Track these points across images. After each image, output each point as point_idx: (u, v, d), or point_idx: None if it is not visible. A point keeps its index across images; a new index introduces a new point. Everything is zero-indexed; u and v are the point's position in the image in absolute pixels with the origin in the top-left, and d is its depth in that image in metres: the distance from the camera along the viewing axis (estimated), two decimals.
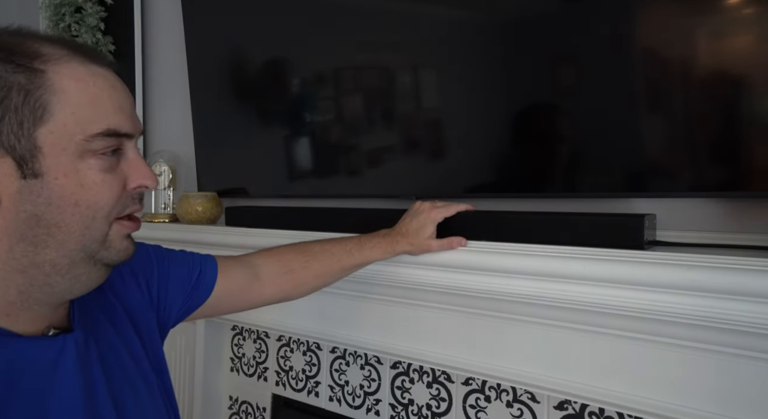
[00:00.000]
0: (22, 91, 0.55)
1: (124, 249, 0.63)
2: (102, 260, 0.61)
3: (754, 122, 0.83)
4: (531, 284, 0.90)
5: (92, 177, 0.58)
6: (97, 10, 1.93)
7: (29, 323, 0.61)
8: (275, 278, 0.93)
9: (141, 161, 0.62)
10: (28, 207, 0.56)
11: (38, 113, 0.55)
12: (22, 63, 0.55)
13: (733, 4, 0.84)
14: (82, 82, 0.57)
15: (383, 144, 1.25)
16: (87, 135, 0.57)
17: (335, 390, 1.35)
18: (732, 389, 0.79)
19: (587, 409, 0.98)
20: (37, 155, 0.55)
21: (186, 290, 0.84)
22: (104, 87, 0.59)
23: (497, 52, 1.08)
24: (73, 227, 0.58)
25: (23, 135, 0.55)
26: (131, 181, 0.62)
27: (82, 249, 0.59)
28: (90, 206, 0.58)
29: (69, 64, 0.57)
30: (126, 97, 0.61)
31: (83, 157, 0.57)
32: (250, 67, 1.51)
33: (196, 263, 0.87)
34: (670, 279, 0.78)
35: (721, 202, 0.93)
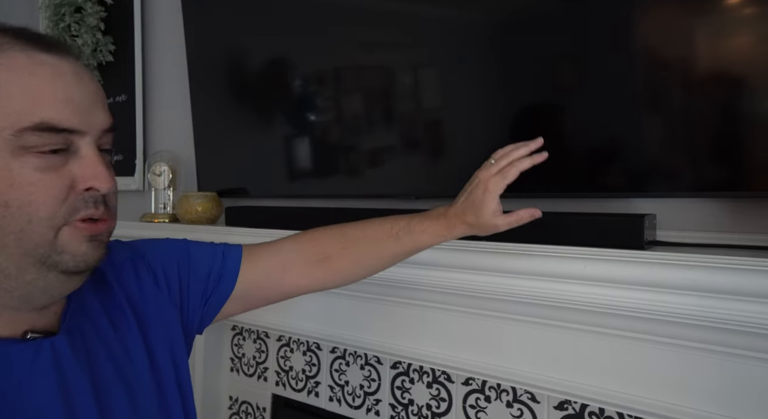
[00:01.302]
0: None
1: (82, 254, 0.56)
2: (57, 266, 0.56)
3: (754, 121, 0.83)
4: (531, 284, 0.90)
5: (26, 176, 0.53)
6: (96, 10, 1.93)
7: (7, 327, 0.58)
8: (308, 267, 0.82)
9: (95, 160, 0.56)
10: None
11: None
12: None
13: (733, 4, 0.84)
14: (16, 72, 0.52)
15: (383, 144, 1.25)
16: (15, 130, 0.52)
17: (335, 390, 1.35)
18: (732, 389, 0.79)
19: (587, 409, 0.98)
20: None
21: (207, 282, 0.78)
22: (45, 77, 0.53)
23: (497, 51, 1.08)
24: (6, 230, 0.53)
25: None
26: (80, 182, 0.56)
27: (27, 254, 0.54)
28: (21, 208, 0.53)
29: (7, 53, 0.53)
30: (78, 89, 0.55)
31: (17, 154, 0.52)
32: (250, 67, 1.51)
33: (219, 253, 0.80)
34: (669, 279, 0.78)
35: (721, 202, 0.93)
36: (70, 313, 0.63)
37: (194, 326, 0.79)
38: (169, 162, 1.68)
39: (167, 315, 0.73)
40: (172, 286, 0.76)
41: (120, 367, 0.65)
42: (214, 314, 0.80)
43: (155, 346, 0.70)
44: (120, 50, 1.93)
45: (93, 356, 0.63)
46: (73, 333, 0.62)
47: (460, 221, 0.80)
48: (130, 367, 0.66)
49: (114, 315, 0.68)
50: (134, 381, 0.66)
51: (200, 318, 0.79)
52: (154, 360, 0.69)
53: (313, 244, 0.83)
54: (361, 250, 0.83)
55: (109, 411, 0.62)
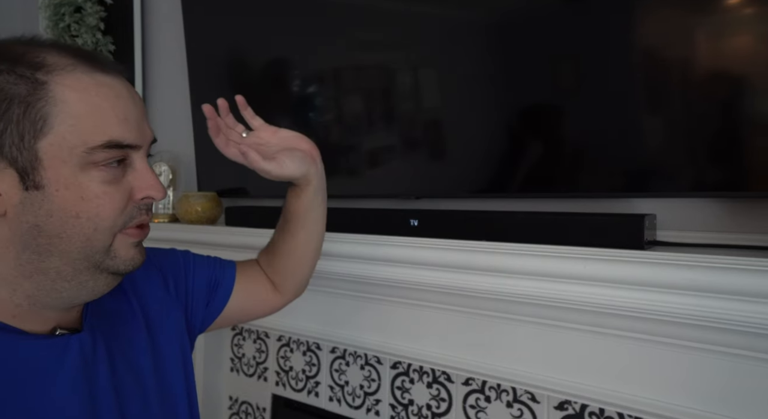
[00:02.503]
0: (23, 104, 0.54)
1: (131, 259, 0.62)
2: (108, 269, 0.61)
3: (754, 121, 0.83)
4: (531, 284, 0.90)
5: (94, 189, 0.57)
6: (96, 10, 1.93)
7: (38, 323, 0.62)
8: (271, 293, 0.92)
9: (148, 172, 0.62)
10: (30, 218, 0.56)
11: (38, 125, 0.55)
12: (24, 74, 0.55)
13: (733, 4, 0.84)
14: (84, 92, 0.56)
15: (383, 144, 1.25)
16: (87, 147, 0.56)
17: (335, 390, 1.35)
18: (732, 389, 0.79)
19: (587, 409, 0.98)
20: (38, 167, 0.55)
21: (209, 287, 0.85)
22: (108, 97, 0.58)
23: (497, 51, 1.08)
24: (74, 238, 0.58)
25: (24, 147, 0.55)
26: (137, 192, 0.61)
27: (86, 259, 0.59)
28: (91, 218, 0.58)
29: (72, 74, 0.57)
30: (132, 107, 0.60)
31: (85, 169, 0.57)
32: (250, 67, 1.51)
33: (218, 267, 0.87)
34: (669, 279, 0.78)
35: (721, 202, 0.93)
36: (90, 312, 0.67)
37: (196, 329, 0.84)
38: (169, 162, 1.68)
39: (174, 317, 0.79)
40: (179, 289, 0.81)
41: (132, 365, 0.70)
42: (213, 318, 0.87)
43: (163, 347, 0.75)
44: (120, 50, 1.93)
45: (110, 353, 0.67)
46: (94, 331, 0.66)
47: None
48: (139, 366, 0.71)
49: (126, 315, 0.73)
50: (144, 380, 0.70)
51: (201, 322, 0.85)
52: (159, 360, 0.74)
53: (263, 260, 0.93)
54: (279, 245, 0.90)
55: (126, 406, 0.66)
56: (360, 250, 1.09)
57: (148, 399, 0.70)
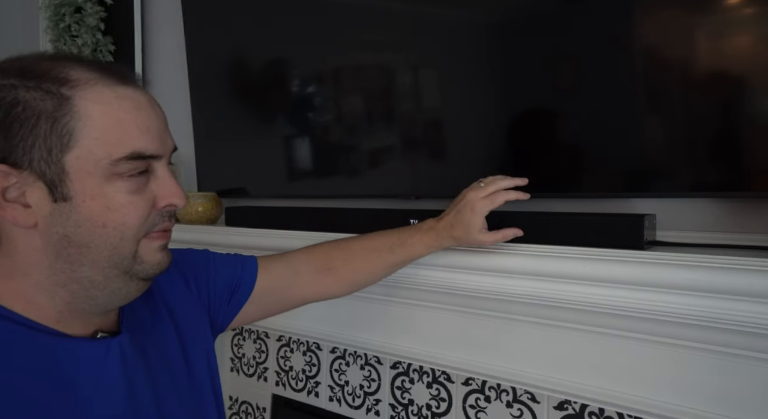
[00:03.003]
0: (50, 119, 0.57)
1: (158, 262, 0.65)
2: (137, 274, 0.63)
3: (753, 121, 0.83)
4: (530, 284, 0.90)
5: (119, 199, 0.59)
6: (96, 10, 1.93)
7: (80, 327, 0.64)
8: (316, 276, 0.93)
9: (170, 180, 0.64)
10: (59, 229, 0.59)
11: (65, 139, 0.57)
12: (50, 90, 0.57)
13: (733, 4, 0.84)
14: (107, 106, 0.58)
15: (383, 144, 1.25)
16: (112, 159, 0.58)
17: (335, 390, 1.35)
18: (732, 389, 0.79)
19: (587, 409, 0.98)
20: (65, 180, 0.58)
21: (230, 290, 0.86)
22: (130, 109, 0.60)
23: (497, 52, 1.08)
24: (102, 248, 0.60)
25: (52, 161, 0.57)
26: (160, 200, 0.63)
27: (115, 266, 0.61)
28: (117, 228, 0.60)
29: (95, 89, 0.58)
30: (154, 118, 0.62)
31: (110, 180, 0.59)
32: (250, 67, 1.51)
33: (238, 263, 0.88)
34: (669, 279, 0.78)
35: (721, 202, 0.93)
36: (125, 312, 0.70)
37: (217, 328, 0.86)
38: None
39: (198, 317, 0.81)
40: (201, 288, 0.83)
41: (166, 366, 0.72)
42: (233, 316, 0.88)
43: (190, 347, 0.77)
44: (120, 50, 1.93)
45: (146, 354, 0.70)
46: (132, 331, 0.69)
47: (448, 235, 0.89)
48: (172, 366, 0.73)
49: (156, 318, 0.75)
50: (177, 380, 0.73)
51: (222, 320, 0.87)
52: (189, 360, 0.76)
53: (319, 256, 0.93)
54: (361, 261, 0.93)
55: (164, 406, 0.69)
56: None
57: (183, 399, 0.72)
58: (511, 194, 0.88)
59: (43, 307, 0.62)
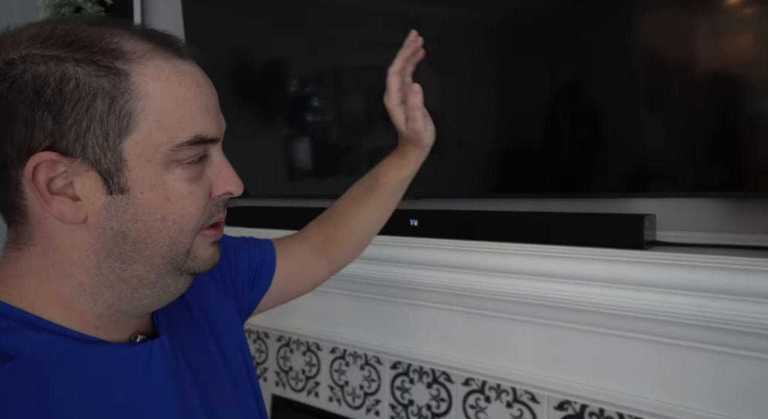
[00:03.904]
0: (107, 99, 0.49)
1: (210, 257, 0.59)
2: (189, 270, 0.58)
3: (754, 121, 0.83)
4: (531, 284, 0.90)
5: (179, 189, 0.53)
6: (96, 10, 1.92)
7: (117, 332, 0.59)
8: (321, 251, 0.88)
9: (227, 165, 0.57)
10: (114, 224, 0.52)
11: (124, 122, 0.50)
12: (105, 64, 0.49)
13: (733, 4, 0.84)
14: (167, 83, 0.52)
15: (383, 144, 1.25)
16: (174, 145, 0.52)
17: (335, 390, 1.35)
18: (732, 389, 0.79)
19: (587, 409, 0.98)
20: (122, 169, 0.51)
21: (251, 275, 0.81)
22: (190, 87, 0.53)
23: (497, 51, 1.08)
24: (160, 243, 0.54)
25: (109, 148, 0.50)
26: (216, 188, 0.57)
27: (169, 262, 0.56)
28: (176, 221, 0.54)
29: (153, 62, 0.52)
30: (211, 95, 0.56)
31: (169, 167, 0.52)
32: (250, 67, 1.51)
33: (256, 248, 0.83)
34: (670, 279, 0.78)
35: (721, 202, 0.93)
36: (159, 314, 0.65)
37: (244, 314, 0.81)
38: None
39: (228, 309, 0.75)
40: (225, 278, 0.77)
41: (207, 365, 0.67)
42: (258, 301, 0.83)
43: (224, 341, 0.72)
44: None
45: (186, 355, 0.65)
46: (170, 332, 0.64)
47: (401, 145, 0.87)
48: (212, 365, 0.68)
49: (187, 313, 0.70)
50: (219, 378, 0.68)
51: (247, 308, 0.81)
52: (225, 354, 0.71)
53: (314, 230, 0.89)
54: (350, 217, 0.88)
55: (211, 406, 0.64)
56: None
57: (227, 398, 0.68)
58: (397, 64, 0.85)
59: (84, 313, 0.56)
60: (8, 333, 0.52)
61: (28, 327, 0.53)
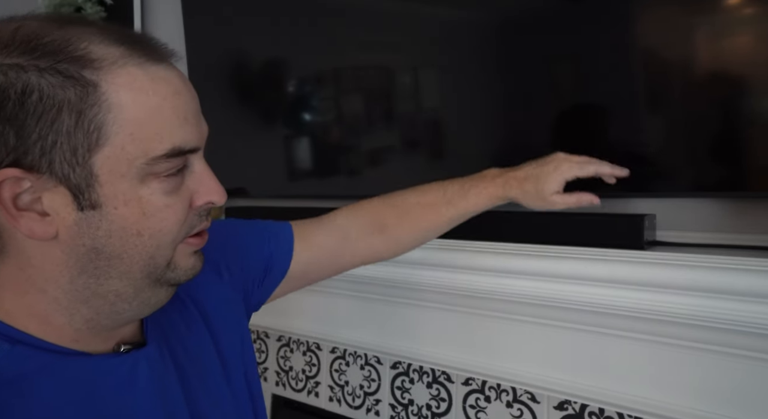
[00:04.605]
0: (74, 112, 0.46)
1: (191, 267, 0.56)
2: (169, 281, 0.55)
3: (754, 121, 0.83)
4: (531, 284, 0.90)
5: (155, 203, 0.50)
6: (96, 10, 1.92)
7: (100, 343, 0.56)
8: (366, 238, 0.82)
9: (208, 174, 0.54)
10: (86, 240, 0.50)
11: (93, 136, 0.47)
12: (71, 74, 0.46)
13: (733, 4, 0.84)
14: (141, 92, 0.48)
15: (383, 144, 1.25)
16: (149, 158, 0.48)
17: (335, 390, 1.35)
18: (732, 389, 0.79)
19: (587, 409, 0.98)
20: (93, 184, 0.48)
21: (263, 268, 0.76)
22: (167, 95, 0.50)
23: (496, 51, 1.08)
24: (137, 258, 0.51)
25: (78, 163, 0.47)
26: (197, 198, 0.54)
27: (147, 276, 0.53)
28: (153, 235, 0.51)
29: (125, 70, 0.48)
30: (190, 101, 0.53)
31: (145, 181, 0.49)
32: (250, 67, 1.51)
33: (270, 234, 0.78)
34: (670, 279, 0.78)
35: (721, 202, 0.93)
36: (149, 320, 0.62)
37: (252, 307, 0.78)
38: None
39: (231, 305, 0.72)
40: (233, 269, 0.73)
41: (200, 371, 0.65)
42: (268, 295, 0.79)
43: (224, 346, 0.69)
44: None
45: (177, 362, 0.62)
46: (159, 341, 0.61)
47: (517, 186, 0.80)
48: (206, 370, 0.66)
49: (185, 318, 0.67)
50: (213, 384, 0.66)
51: (257, 300, 0.78)
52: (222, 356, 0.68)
53: (368, 214, 0.84)
54: (416, 217, 0.83)
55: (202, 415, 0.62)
56: None
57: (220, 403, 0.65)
58: (605, 167, 0.79)
59: (61, 326, 0.53)
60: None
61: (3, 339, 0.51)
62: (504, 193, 0.81)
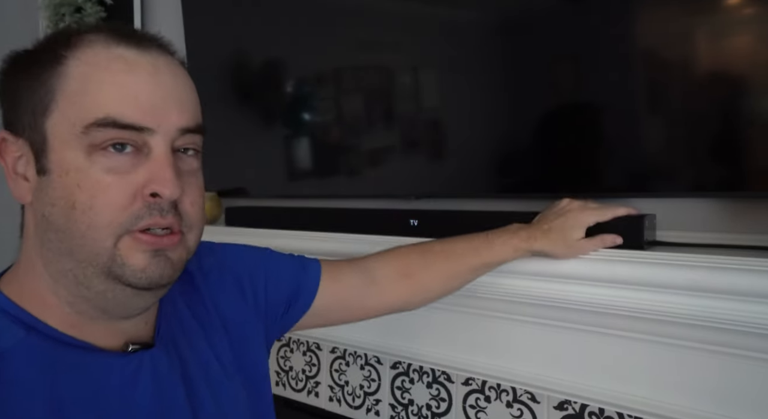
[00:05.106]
0: (39, 79, 0.51)
1: (141, 270, 0.52)
2: (119, 278, 0.52)
3: (754, 121, 0.83)
4: (531, 284, 0.90)
5: (92, 177, 0.50)
6: (96, 10, 1.92)
7: (108, 337, 0.57)
8: (393, 283, 0.83)
9: (165, 164, 0.52)
10: (41, 208, 0.52)
11: (45, 101, 0.51)
12: (52, 49, 0.52)
13: (733, 4, 0.84)
14: (94, 66, 0.51)
15: (383, 144, 1.25)
16: (84, 125, 0.50)
17: (335, 390, 1.35)
18: (732, 389, 0.79)
19: (587, 409, 0.98)
20: (46, 150, 0.51)
21: (288, 300, 0.77)
22: (117, 71, 0.51)
23: (497, 52, 1.08)
24: (74, 234, 0.51)
25: (36, 127, 0.51)
26: (145, 186, 0.52)
27: (90, 263, 0.52)
28: (85, 212, 0.50)
29: (90, 49, 0.52)
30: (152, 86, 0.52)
31: (90, 154, 0.50)
32: (250, 67, 1.51)
33: (299, 265, 0.78)
34: (670, 279, 0.78)
35: (721, 202, 0.93)
36: (164, 321, 0.62)
37: (273, 336, 0.78)
38: None
39: (252, 327, 0.72)
40: (258, 295, 0.74)
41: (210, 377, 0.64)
42: (289, 326, 0.79)
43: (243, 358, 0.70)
44: None
45: (186, 366, 0.62)
46: (168, 344, 0.61)
47: (542, 237, 0.82)
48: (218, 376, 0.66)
49: (203, 321, 0.67)
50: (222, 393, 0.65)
51: (278, 331, 0.78)
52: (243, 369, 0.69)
53: (396, 260, 0.84)
54: (442, 264, 0.84)
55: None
56: (360, 250, 1.08)
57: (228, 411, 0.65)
58: (620, 209, 0.82)
59: (55, 307, 0.54)
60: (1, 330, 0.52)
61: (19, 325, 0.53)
62: (528, 246, 0.83)
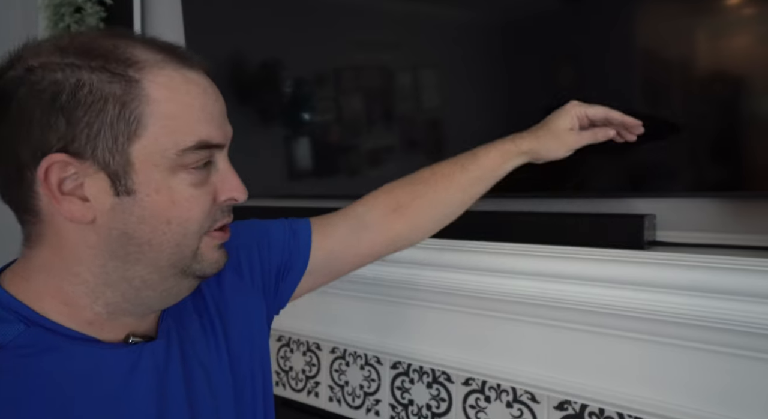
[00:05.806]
0: (118, 103, 0.52)
1: (216, 261, 0.61)
2: (194, 273, 0.59)
3: (754, 121, 0.83)
4: (531, 284, 0.90)
5: (183, 193, 0.55)
6: (96, 10, 1.92)
7: (113, 331, 0.59)
8: (385, 222, 0.82)
9: (231, 172, 0.60)
10: (119, 225, 0.54)
11: (132, 126, 0.52)
12: (118, 71, 0.52)
13: (733, 4, 0.84)
14: (175, 91, 0.54)
15: (383, 144, 1.25)
16: (179, 149, 0.54)
17: (335, 390, 1.35)
18: (732, 389, 0.79)
19: (587, 409, 0.98)
20: (130, 172, 0.53)
21: (282, 260, 0.78)
22: (197, 95, 0.56)
23: (497, 51, 1.08)
24: (165, 245, 0.56)
25: (117, 151, 0.52)
26: (221, 194, 0.59)
27: (174, 265, 0.57)
28: (181, 224, 0.56)
29: (163, 71, 0.54)
30: (216, 103, 0.58)
31: (175, 172, 0.55)
32: (250, 67, 1.51)
33: (288, 228, 0.80)
34: (670, 279, 0.78)
35: (721, 202, 0.93)
36: (167, 315, 0.65)
37: (274, 308, 0.79)
38: None
39: (250, 307, 0.74)
40: (254, 270, 0.76)
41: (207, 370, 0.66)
42: (290, 292, 0.80)
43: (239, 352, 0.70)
44: None
45: (186, 360, 0.64)
46: (170, 337, 0.64)
47: (528, 135, 0.82)
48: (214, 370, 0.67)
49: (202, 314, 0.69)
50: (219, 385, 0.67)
51: (279, 299, 0.79)
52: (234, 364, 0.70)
53: (385, 196, 0.84)
54: (431, 189, 0.83)
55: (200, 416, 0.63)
56: None
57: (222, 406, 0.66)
58: (615, 113, 0.81)
59: (82, 308, 0.57)
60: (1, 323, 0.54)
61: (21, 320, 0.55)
62: (516, 147, 0.82)
